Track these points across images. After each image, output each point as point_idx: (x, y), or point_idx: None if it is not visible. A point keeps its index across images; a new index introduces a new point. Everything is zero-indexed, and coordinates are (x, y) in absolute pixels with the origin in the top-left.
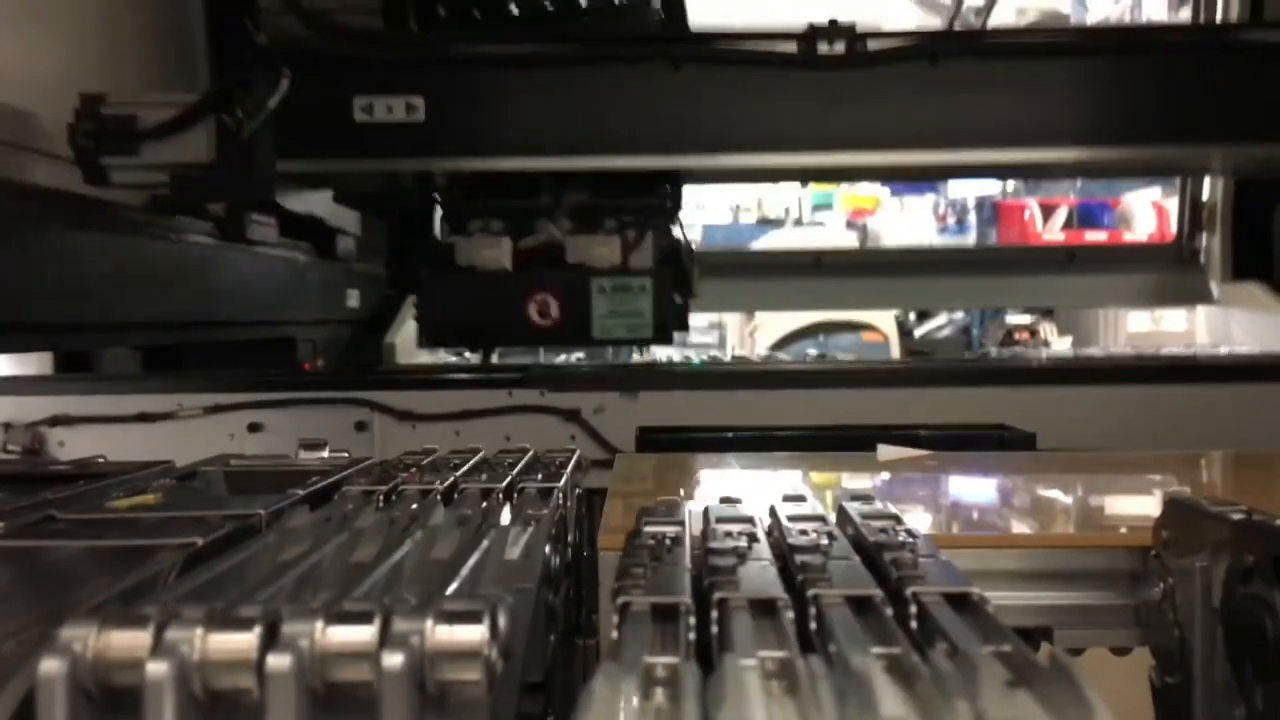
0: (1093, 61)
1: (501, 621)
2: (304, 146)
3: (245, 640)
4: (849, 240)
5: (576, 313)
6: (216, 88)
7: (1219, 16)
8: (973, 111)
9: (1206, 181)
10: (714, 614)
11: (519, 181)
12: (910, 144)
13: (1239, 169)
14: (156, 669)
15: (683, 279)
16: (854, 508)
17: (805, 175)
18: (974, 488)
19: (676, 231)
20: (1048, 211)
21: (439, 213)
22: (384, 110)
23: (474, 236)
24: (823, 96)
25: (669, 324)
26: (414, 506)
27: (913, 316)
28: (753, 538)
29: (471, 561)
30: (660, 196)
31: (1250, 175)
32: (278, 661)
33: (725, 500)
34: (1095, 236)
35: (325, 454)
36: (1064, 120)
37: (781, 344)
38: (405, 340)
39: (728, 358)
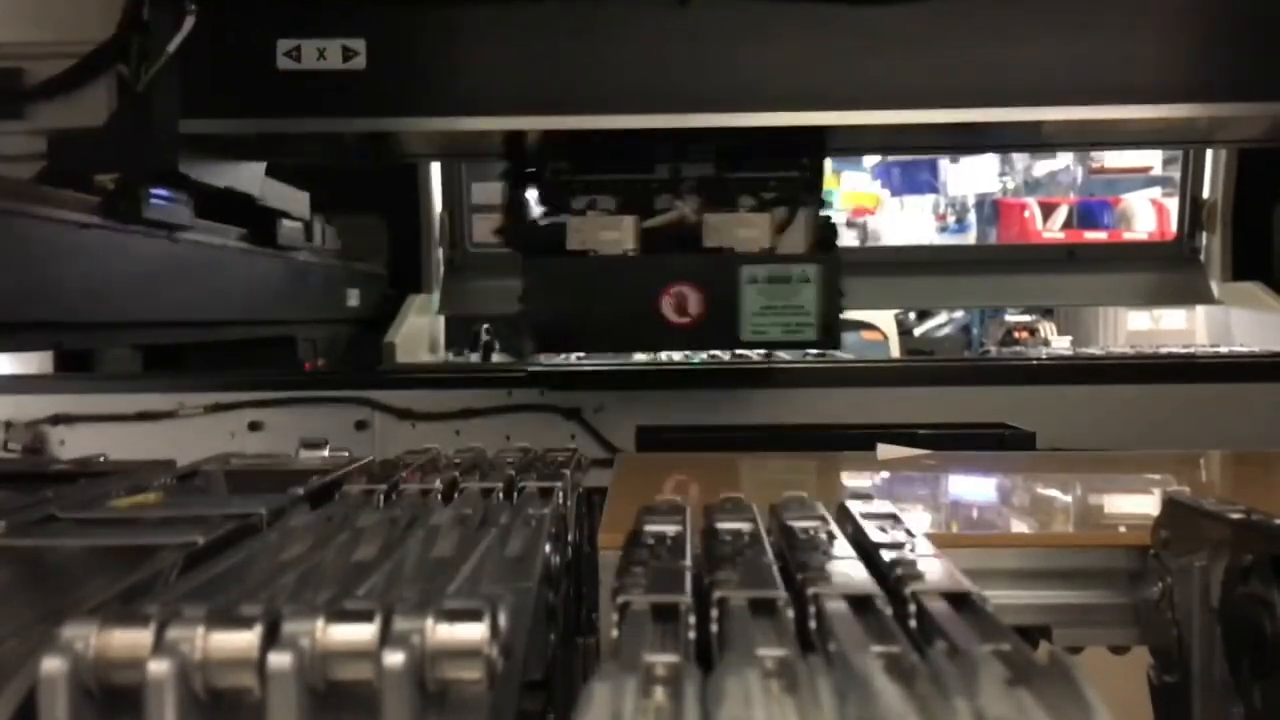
0: None
1: (502, 620)
2: (215, 103)
3: (246, 639)
4: (849, 239)
5: (721, 308)
6: (117, 33)
7: None
8: (1057, 58)
9: (1207, 181)
10: (714, 613)
11: (626, 148)
12: (975, 99)
13: None
14: (158, 668)
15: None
16: (854, 506)
17: (873, 140)
18: (973, 487)
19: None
20: (1048, 210)
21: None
22: (314, 57)
23: (588, 216)
24: (861, 40)
25: (836, 323)
26: (414, 505)
27: (913, 315)
28: (753, 537)
29: (472, 560)
30: (801, 167)
31: None
32: (279, 660)
33: (725, 499)
34: (1095, 235)
35: (326, 453)
36: (1180, 70)
37: None
38: (405, 340)
39: (727, 356)
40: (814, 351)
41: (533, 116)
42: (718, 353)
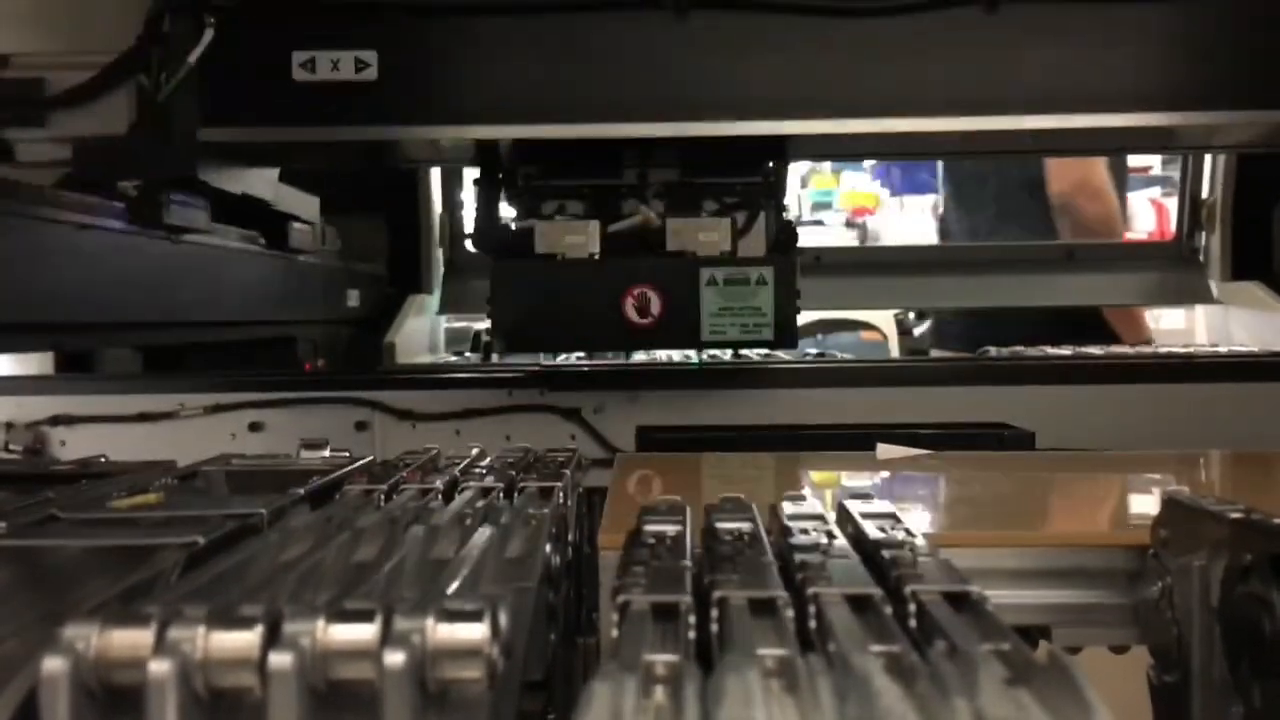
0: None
1: (502, 620)
2: (233, 112)
3: (247, 639)
4: (849, 239)
5: (682, 310)
6: (138, 44)
7: None
8: (1042, 68)
9: (1206, 180)
10: (714, 613)
11: (594, 155)
12: (966, 108)
13: None
14: (159, 668)
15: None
16: (853, 506)
17: (833, 148)
18: (973, 487)
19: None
20: None
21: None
22: (328, 67)
23: (554, 220)
24: (855, 49)
25: (792, 323)
26: (414, 506)
27: (912, 315)
28: (753, 537)
29: (472, 560)
30: (764, 173)
31: None
32: (279, 660)
33: (725, 499)
34: None
35: (326, 453)
36: (1157, 77)
37: None
38: (405, 340)
39: (727, 356)
40: (814, 351)
41: (532, 125)
42: (717, 353)
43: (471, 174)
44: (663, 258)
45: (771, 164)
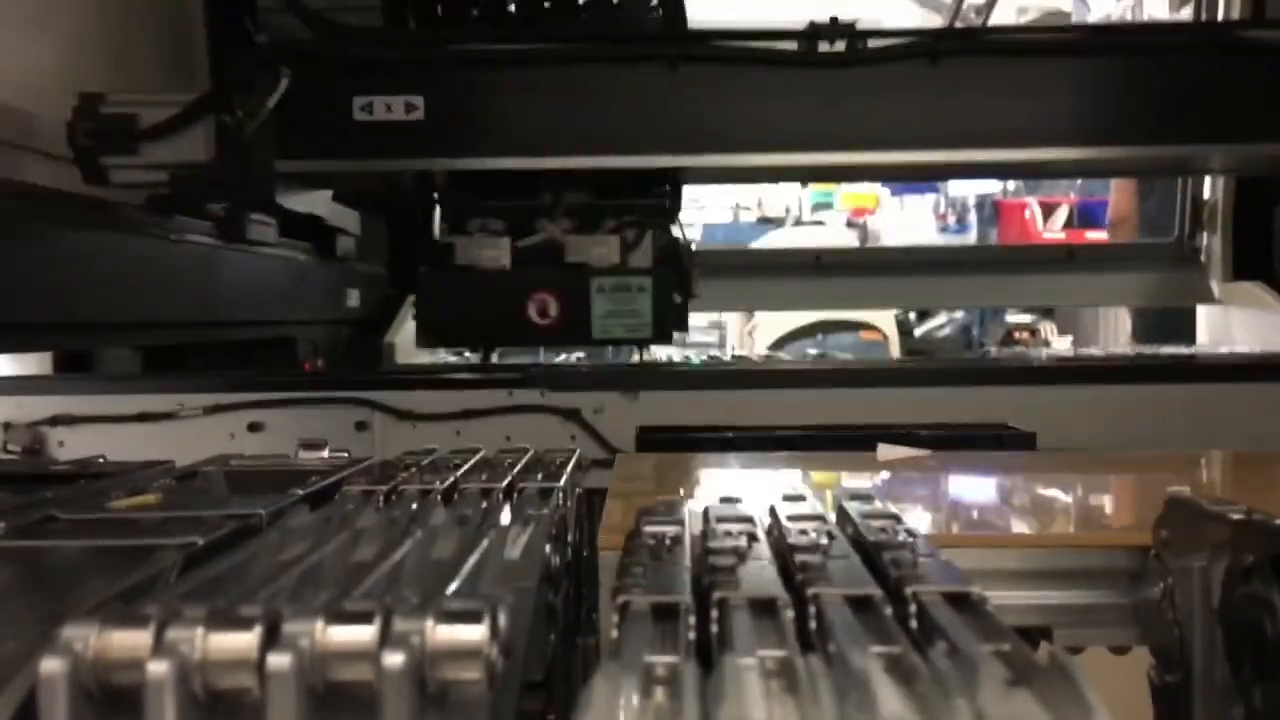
0: (1094, 61)
1: (502, 621)
2: (304, 146)
3: (246, 640)
4: (849, 239)
5: (576, 312)
6: (216, 87)
7: (1220, 16)
8: (973, 111)
9: (1207, 180)
10: (714, 613)
11: (519, 181)
12: (910, 143)
13: (1240, 168)
14: (157, 668)
15: (682, 278)
16: (854, 507)
17: (805, 175)
18: (974, 487)
19: (676, 231)
20: (1048, 210)
21: (438, 212)
22: (383, 109)
23: (473, 236)
24: (823, 95)
25: (668, 324)
26: (414, 506)
27: (913, 316)
28: (752, 537)
29: (472, 561)
30: (659, 196)
31: (1252, 174)
32: (278, 661)
33: (725, 500)
34: (1096, 235)
35: (325, 454)
36: (1065, 120)
37: (780, 343)
38: (405, 340)
39: (727, 357)
40: (814, 351)
41: (548, 158)
42: (717, 353)
43: None
44: (560, 268)
45: (666, 189)
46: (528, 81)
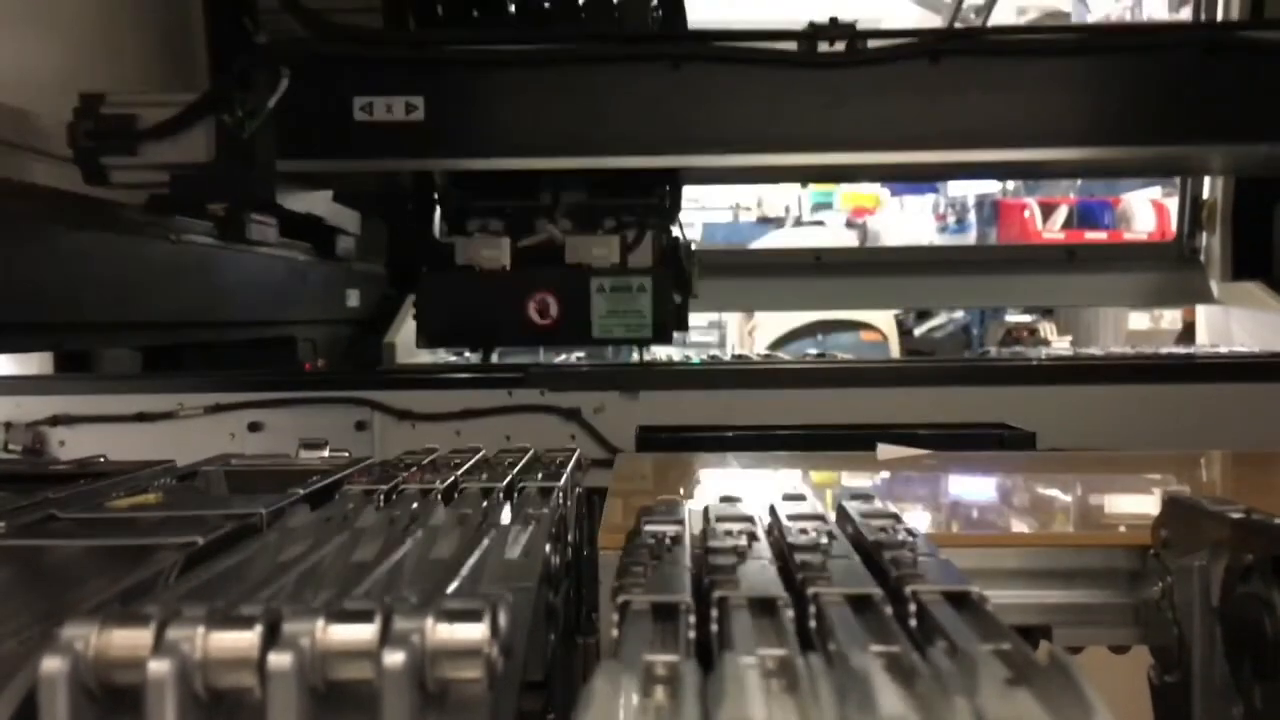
0: (1093, 61)
1: (502, 620)
2: (304, 146)
3: (246, 639)
4: (849, 239)
5: (576, 312)
6: (216, 88)
7: (1220, 16)
8: (973, 111)
9: (1207, 181)
10: (714, 612)
11: (518, 181)
12: (910, 143)
13: (1239, 168)
14: (158, 668)
15: (682, 278)
16: (854, 507)
17: (805, 175)
18: (974, 487)
19: (676, 231)
20: (1048, 210)
21: (438, 212)
22: (383, 110)
23: (473, 236)
24: (823, 96)
25: (668, 324)
26: (414, 506)
27: (913, 316)
28: (753, 537)
29: (472, 560)
30: (659, 196)
31: (1251, 174)
32: (279, 660)
33: (725, 499)
34: (1095, 236)
35: (325, 453)
36: (1064, 120)
37: (780, 343)
38: (405, 340)
39: (728, 357)
40: (814, 351)
41: (549, 158)
42: (718, 353)
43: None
44: (561, 268)
45: (665, 189)
46: (528, 82)
